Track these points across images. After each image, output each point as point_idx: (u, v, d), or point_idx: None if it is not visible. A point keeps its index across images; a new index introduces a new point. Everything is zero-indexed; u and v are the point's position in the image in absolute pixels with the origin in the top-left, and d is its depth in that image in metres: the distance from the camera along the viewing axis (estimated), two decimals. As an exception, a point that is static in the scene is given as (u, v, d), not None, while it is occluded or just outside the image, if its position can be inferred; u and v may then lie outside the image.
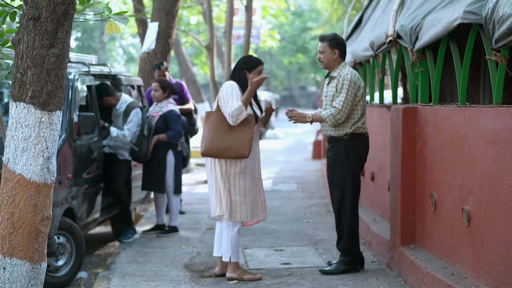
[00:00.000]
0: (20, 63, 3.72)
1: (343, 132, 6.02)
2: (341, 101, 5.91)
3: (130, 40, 44.85)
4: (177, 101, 9.46)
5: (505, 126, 4.46)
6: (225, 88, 5.98)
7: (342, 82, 5.96)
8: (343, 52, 6.09)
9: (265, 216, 6.25)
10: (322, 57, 6.09)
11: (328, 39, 6.09)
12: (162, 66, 9.46)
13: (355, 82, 5.97)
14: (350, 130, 6.00)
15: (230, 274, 6.07)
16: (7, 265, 3.76)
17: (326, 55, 6.06)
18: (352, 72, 6.03)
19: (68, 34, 3.80)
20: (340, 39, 6.12)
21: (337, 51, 6.04)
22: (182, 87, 9.59)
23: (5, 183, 3.77)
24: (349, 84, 5.94)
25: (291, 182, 13.25)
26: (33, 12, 3.66)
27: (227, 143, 5.89)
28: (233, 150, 5.89)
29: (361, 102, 6.01)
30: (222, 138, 5.91)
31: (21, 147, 3.73)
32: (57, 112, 3.80)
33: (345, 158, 6.05)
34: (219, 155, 5.94)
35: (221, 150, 5.91)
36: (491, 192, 4.64)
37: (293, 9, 28.48)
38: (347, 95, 5.92)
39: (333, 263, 6.30)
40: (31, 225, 3.77)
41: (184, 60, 20.84)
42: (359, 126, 6.03)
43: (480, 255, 4.81)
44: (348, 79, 5.95)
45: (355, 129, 6.02)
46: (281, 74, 58.50)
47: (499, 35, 4.46)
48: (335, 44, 6.05)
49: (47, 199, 3.82)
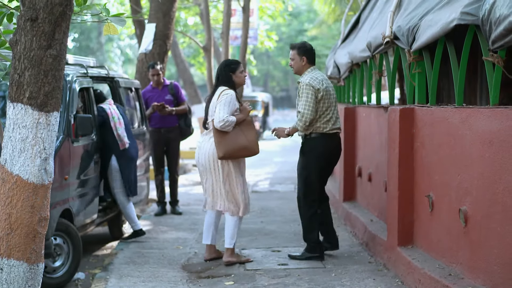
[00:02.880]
0: (18, 64, 3.72)
1: (307, 131, 6.57)
2: (303, 105, 6.46)
3: (127, 41, 44.81)
4: (172, 102, 9.47)
5: (502, 126, 4.47)
6: (227, 96, 6.49)
7: (302, 87, 6.50)
8: (311, 58, 6.63)
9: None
10: (293, 64, 6.67)
11: (297, 47, 6.65)
12: (155, 65, 9.46)
13: (313, 85, 6.45)
14: (309, 130, 6.55)
15: (228, 258, 6.62)
16: (4, 266, 3.76)
17: (295, 62, 6.64)
18: (313, 76, 6.52)
19: (66, 35, 3.80)
20: (308, 46, 6.66)
21: (305, 58, 6.60)
22: (177, 88, 9.58)
23: (2, 184, 3.77)
24: (307, 88, 6.45)
25: (288, 183, 13.26)
26: (31, 13, 3.66)
27: (240, 144, 6.48)
28: (247, 150, 6.54)
29: (325, 104, 6.50)
30: (235, 140, 6.47)
31: (18, 148, 3.73)
32: (55, 113, 3.80)
33: (303, 155, 6.68)
34: (236, 156, 6.51)
35: (236, 151, 6.48)
36: (488, 192, 4.65)
37: (291, 9, 28.46)
38: (307, 99, 6.44)
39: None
40: (28, 226, 3.77)
41: (181, 61, 20.83)
42: (318, 126, 6.53)
43: (477, 255, 4.81)
44: (306, 83, 6.47)
45: (314, 129, 6.55)
46: (278, 75, 58.54)
47: (496, 36, 4.47)
48: (303, 52, 6.60)
49: (45, 200, 3.82)
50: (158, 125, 9.44)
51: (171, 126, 9.47)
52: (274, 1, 22.99)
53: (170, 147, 9.57)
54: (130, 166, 7.66)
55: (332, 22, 21.30)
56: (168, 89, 9.51)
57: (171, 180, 9.71)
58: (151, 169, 10.92)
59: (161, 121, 9.41)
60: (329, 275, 6.14)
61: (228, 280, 6.07)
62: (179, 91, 9.60)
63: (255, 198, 11.13)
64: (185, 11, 21.20)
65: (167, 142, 9.53)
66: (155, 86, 9.53)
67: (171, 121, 9.45)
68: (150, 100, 9.40)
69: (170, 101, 9.44)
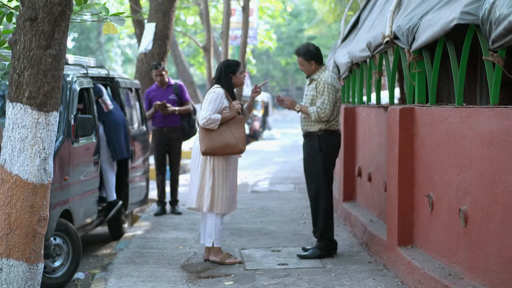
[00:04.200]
0: (17, 63, 3.71)
1: (317, 128, 6.67)
2: (324, 103, 6.56)
3: (127, 40, 44.82)
4: (176, 102, 9.47)
5: (502, 126, 4.46)
6: (214, 94, 6.54)
7: (323, 86, 6.60)
8: (319, 60, 6.73)
9: (235, 207, 6.88)
10: (303, 69, 6.79)
11: (302, 54, 6.72)
12: (159, 66, 9.48)
13: (334, 85, 6.64)
14: (325, 127, 6.66)
15: (212, 258, 6.69)
16: (4, 266, 3.76)
17: (305, 67, 6.75)
18: (332, 76, 6.69)
19: (65, 34, 3.80)
20: (312, 50, 6.72)
21: (313, 62, 6.71)
22: (181, 88, 9.59)
23: (1, 184, 3.76)
24: (330, 87, 6.59)
25: (288, 183, 13.26)
26: (30, 12, 3.66)
27: (225, 141, 6.48)
28: (231, 147, 6.51)
29: (337, 103, 6.69)
30: (219, 137, 6.47)
31: (17, 148, 3.73)
32: (54, 113, 3.80)
33: (319, 151, 6.69)
34: (219, 153, 6.50)
35: (220, 148, 6.47)
36: (488, 192, 4.64)
37: (290, 10, 28.46)
38: (329, 97, 6.58)
39: (307, 248, 6.90)
40: (28, 226, 3.77)
41: (181, 61, 20.85)
42: (333, 124, 6.69)
43: (477, 255, 4.81)
44: (328, 83, 6.60)
45: (329, 126, 6.68)
46: (278, 74, 58.56)
47: (496, 35, 4.47)
48: (310, 57, 6.70)
49: (44, 199, 3.82)
50: (161, 124, 9.46)
51: (173, 126, 9.47)
52: (273, 1, 22.99)
53: (172, 147, 9.58)
54: (116, 129, 7.79)
55: (331, 21, 21.29)
56: (172, 89, 9.52)
57: (172, 180, 9.71)
58: (152, 169, 10.92)
59: (164, 120, 9.43)
60: (329, 275, 6.14)
61: (228, 280, 6.07)
62: (184, 91, 9.61)
63: (255, 198, 11.13)
64: (184, 11, 21.21)
65: (169, 142, 9.54)
66: (160, 86, 9.54)
67: (174, 120, 9.46)
68: (154, 99, 9.44)
69: (173, 101, 9.44)
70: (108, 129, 7.71)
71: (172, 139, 9.54)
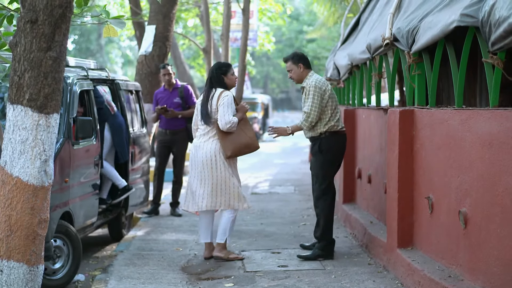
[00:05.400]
0: (18, 66, 3.72)
1: (318, 131, 6.78)
2: (309, 105, 6.69)
3: (127, 42, 44.83)
4: (180, 105, 9.46)
5: (501, 128, 4.47)
6: (227, 97, 6.71)
7: (308, 89, 6.73)
8: (307, 63, 6.87)
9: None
10: (292, 74, 6.88)
11: (290, 58, 6.91)
12: (167, 66, 9.56)
13: (320, 87, 6.71)
14: (324, 129, 6.76)
15: (217, 253, 6.82)
16: (4, 267, 3.77)
17: (294, 71, 6.86)
18: (317, 78, 6.78)
19: (66, 37, 3.81)
20: (300, 54, 6.96)
21: (301, 64, 6.83)
22: (187, 91, 9.56)
23: (2, 186, 3.77)
24: (314, 90, 6.69)
25: (288, 185, 13.26)
26: (31, 15, 3.67)
27: (243, 142, 6.76)
28: (249, 146, 6.82)
29: (330, 103, 6.74)
30: (238, 138, 6.75)
31: (18, 150, 3.73)
32: (55, 115, 3.80)
33: (321, 153, 6.80)
34: (242, 153, 6.81)
35: (243, 148, 6.77)
36: (488, 194, 4.65)
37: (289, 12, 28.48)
38: (313, 100, 6.68)
39: (305, 245, 7.18)
40: (28, 228, 3.77)
41: (181, 63, 20.86)
42: (333, 125, 6.77)
43: (477, 257, 4.81)
44: (312, 85, 6.71)
45: (329, 128, 6.76)
46: (278, 76, 58.54)
47: (496, 38, 4.47)
48: (298, 60, 6.85)
49: (44, 201, 3.82)
50: (165, 126, 9.52)
51: (177, 129, 9.48)
52: (273, 3, 23.00)
53: (176, 149, 9.60)
54: (119, 132, 7.93)
55: (331, 24, 21.30)
56: (178, 91, 9.53)
57: (174, 182, 9.73)
58: (151, 171, 10.92)
59: (168, 123, 9.47)
60: (328, 277, 6.14)
61: (228, 282, 6.07)
62: (189, 94, 9.59)
63: (255, 200, 11.13)
64: (185, 13, 21.22)
65: (172, 144, 9.56)
66: (167, 88, 9.56)
67: (178, 123, 9.47)
68: (160, 101, 9.50)
69: (178, 104, 9.44)
70: (113, 130, 7.84)
71: (176, 142, 9.55)
